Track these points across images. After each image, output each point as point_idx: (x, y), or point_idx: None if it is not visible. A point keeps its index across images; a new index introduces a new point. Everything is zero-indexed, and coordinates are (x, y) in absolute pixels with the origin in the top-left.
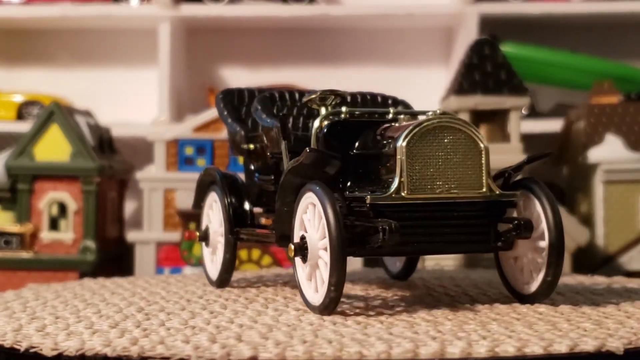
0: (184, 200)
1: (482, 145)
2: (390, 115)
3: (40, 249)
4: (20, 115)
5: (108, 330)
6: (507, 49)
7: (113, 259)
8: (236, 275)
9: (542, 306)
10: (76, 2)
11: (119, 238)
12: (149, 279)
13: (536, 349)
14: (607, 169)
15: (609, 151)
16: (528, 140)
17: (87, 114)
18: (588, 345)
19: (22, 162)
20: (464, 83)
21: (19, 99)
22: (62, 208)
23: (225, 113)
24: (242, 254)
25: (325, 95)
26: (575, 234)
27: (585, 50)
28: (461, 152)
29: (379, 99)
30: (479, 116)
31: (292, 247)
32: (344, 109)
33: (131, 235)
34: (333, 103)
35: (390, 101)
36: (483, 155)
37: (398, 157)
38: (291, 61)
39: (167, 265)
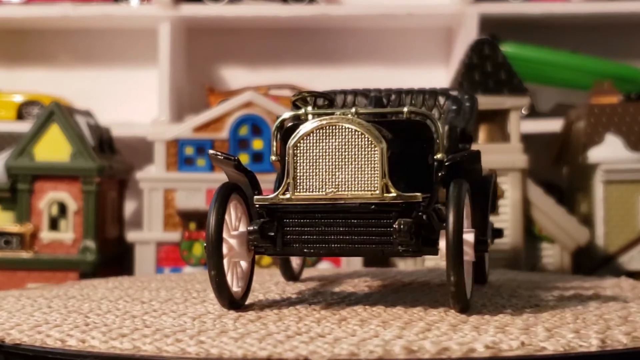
0: (184, 200)
1: (377, 145)
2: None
3: (40, 249)
4: (20, 115)
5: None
6: (507, 49)
7: (113, 259)
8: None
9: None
10: (76, 2)
11: (119, 238)
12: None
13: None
14: (607, 169)
15: (609, 151)
16: (528, 140)
17: (87, 114)
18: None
19: (22, 162)
20: (464, 83)
21: (19, 99)
22: (62, 208)
23: None
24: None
25: (304, 96)
26: (575, 234)
27: (585, 50)
28: (354, 152)
29: (425, 95)
30: (479, 116)
31: (203, 245)
32: (301, 110)
33: (131, 235)
34: (324, 104)
35: (440, 96)
36: (378, 156)
37: (286, 158)
38: (291, 61)
39: (167, 265)
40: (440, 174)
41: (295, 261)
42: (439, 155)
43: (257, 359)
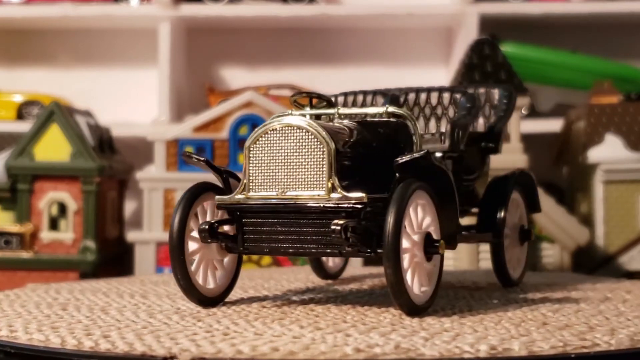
0: None
1: (326, 145)
2: (336, 117)
3: (40, 249)
4: (20, 115)
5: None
6: (507, 49)
7: (113, 259)
8: None
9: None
10: (76, 2)
11: (119, 238)
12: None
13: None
14: (607, 169)
15: (609, 151)
16: (528, 140)
17: (87, 114)
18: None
19: (22, 162)
20: (464, 83)
21: (19, 99)
22: (62, 208)
23: None
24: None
25: (296, 98)
26: (575, 234)
27: (585, 50)
28: (303, 153)
29: (442, 93)
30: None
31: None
32: (288, 112)
33: (131, 235)
34: (321, 105)
35: (457, 93)
36: (326, 156)
37: (244, 159)
38: (291, 61)
39: (167, 265)
40: (396, 175)
41: (332, 259)
42: (415, 155)
43: (133, 353)
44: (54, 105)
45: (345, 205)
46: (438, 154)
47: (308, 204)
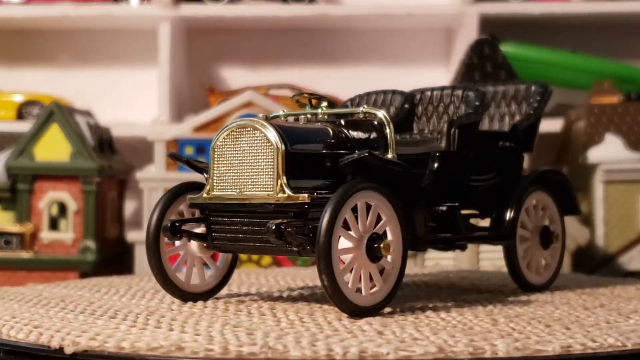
0: None
1: (276, 145)
2: (321, 116)
3: (40, 249)
4: (20, 115)
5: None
6: (507, 49)
7: (113, 259)
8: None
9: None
10: (76, 2)
11: (119, 238)
12: None
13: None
14: (607, 169)
15: (609, 151)
16: None
17: (87, 114)
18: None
19: (22, 162)
20: (464, 83)
21: (19, 99)
22: (62, 208)
23: None
24: (243, 254)
25: (298, 98)
26: (575, 234)
27: (585, 50)
28: (257, 153)
29: (455, 91)
30: None
31: None
32: (281, 112)
33: (131, 235)
34: (321, 105)
35: (469, 91)
36: (276, 156)
37: (210, 159)
38: (291, 61)
39: None
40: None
41: None
42: (389, 156)
43: (37, 343)
44: (54, 105)
45: (291, 205)
46: (437, 154)
47: (259, 204)
